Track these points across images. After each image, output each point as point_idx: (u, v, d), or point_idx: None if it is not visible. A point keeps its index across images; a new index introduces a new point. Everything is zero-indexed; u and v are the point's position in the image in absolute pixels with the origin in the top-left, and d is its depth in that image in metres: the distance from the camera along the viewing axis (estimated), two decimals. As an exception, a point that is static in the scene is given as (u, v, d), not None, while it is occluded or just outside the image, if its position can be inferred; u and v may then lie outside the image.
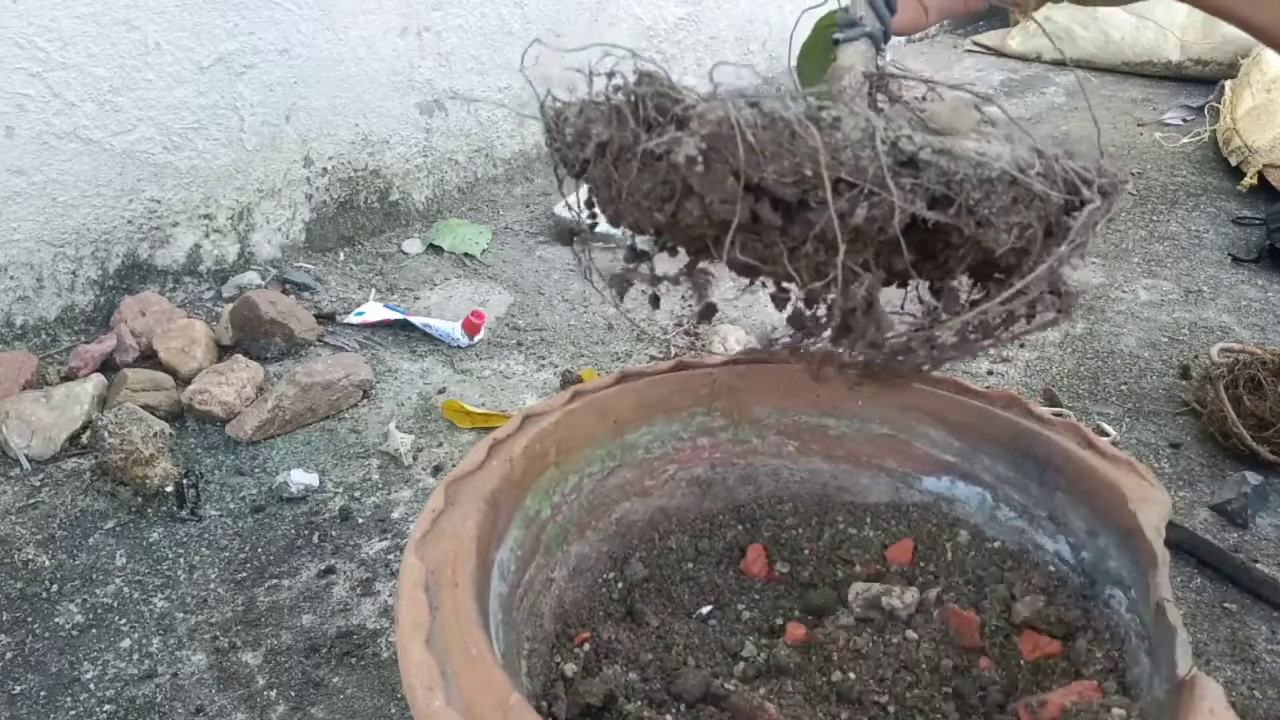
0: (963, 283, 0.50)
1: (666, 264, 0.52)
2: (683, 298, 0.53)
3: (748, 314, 1.29)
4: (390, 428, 1.02)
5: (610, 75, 0.45)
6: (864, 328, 0.47)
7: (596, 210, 0.50)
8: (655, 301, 0.54)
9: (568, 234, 0.55)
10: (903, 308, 0.51)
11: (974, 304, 0.49)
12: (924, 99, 0.50)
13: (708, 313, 0.57)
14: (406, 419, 1.07)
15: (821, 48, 0.58)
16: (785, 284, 0.51)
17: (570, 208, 0.53)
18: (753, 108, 0.41)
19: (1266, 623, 0.79)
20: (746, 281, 0.51)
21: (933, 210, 0.43)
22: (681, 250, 0.51)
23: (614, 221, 0.49)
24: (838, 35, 0.53)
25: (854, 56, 0.52)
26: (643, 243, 0.52)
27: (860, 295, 0.45)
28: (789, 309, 0.52)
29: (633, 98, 0.43)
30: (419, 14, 1.47)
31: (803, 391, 0.67)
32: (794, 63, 0.61)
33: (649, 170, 0.43)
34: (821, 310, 0.50)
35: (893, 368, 0.50)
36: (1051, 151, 0.45)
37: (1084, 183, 0.45)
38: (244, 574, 0.84)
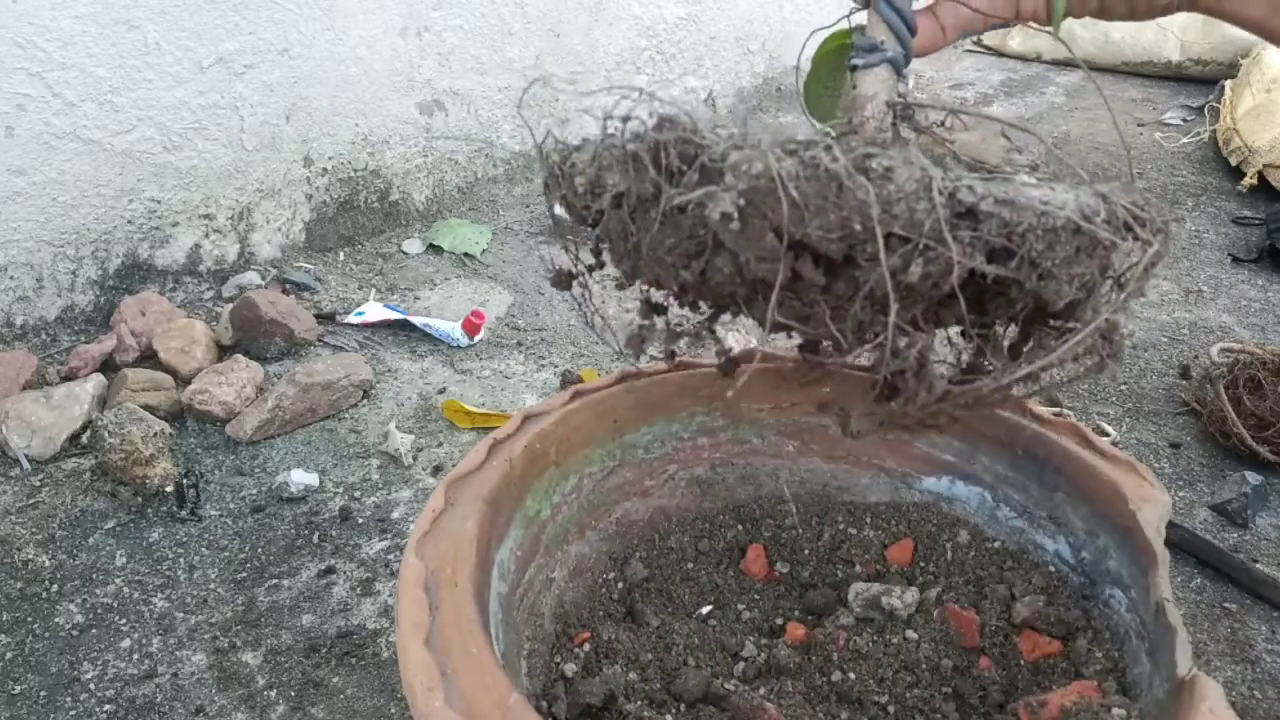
0: (1005, 327, 0.47)
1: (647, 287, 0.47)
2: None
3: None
4: (390, 428, 1.02)
5: (626, 119, 0.41)
6: (914, 390, 0.43)
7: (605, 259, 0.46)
8: (671, 356, 0.50)
9: (566, 277, 0.52)
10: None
11: (1013, 349, 0.46)
12: (944, 124, 0.47)
13: (730, 367, 0.55)
14: (406, 419, 1.07)
15: (829, 70, 0.55)
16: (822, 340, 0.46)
17: (569, 251, 0.49)
18: (792, 156, 0.37)
19: (1266, 623, 0.79)
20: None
21: (992, 264, 0.39)
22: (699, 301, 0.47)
23: (631, 277, 0.45)
24: (857, 61, 0.49)
25: (876, 84, 0.49)
26: (659, 295, 0.48)
27: (912, 357, 0.42)
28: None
29: (653, 145, 0.39)
30: (419, 14, 1.47)
31: (802, 391, 0.67)
32: (801, 88, 0.56)
33: (673, 224, 0.40)
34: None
35: (926, 420, 0.48)
36: (1112, 193, 0.41)
37: (1139, 223, 0.42)
38: (244, 574, 0.84)
